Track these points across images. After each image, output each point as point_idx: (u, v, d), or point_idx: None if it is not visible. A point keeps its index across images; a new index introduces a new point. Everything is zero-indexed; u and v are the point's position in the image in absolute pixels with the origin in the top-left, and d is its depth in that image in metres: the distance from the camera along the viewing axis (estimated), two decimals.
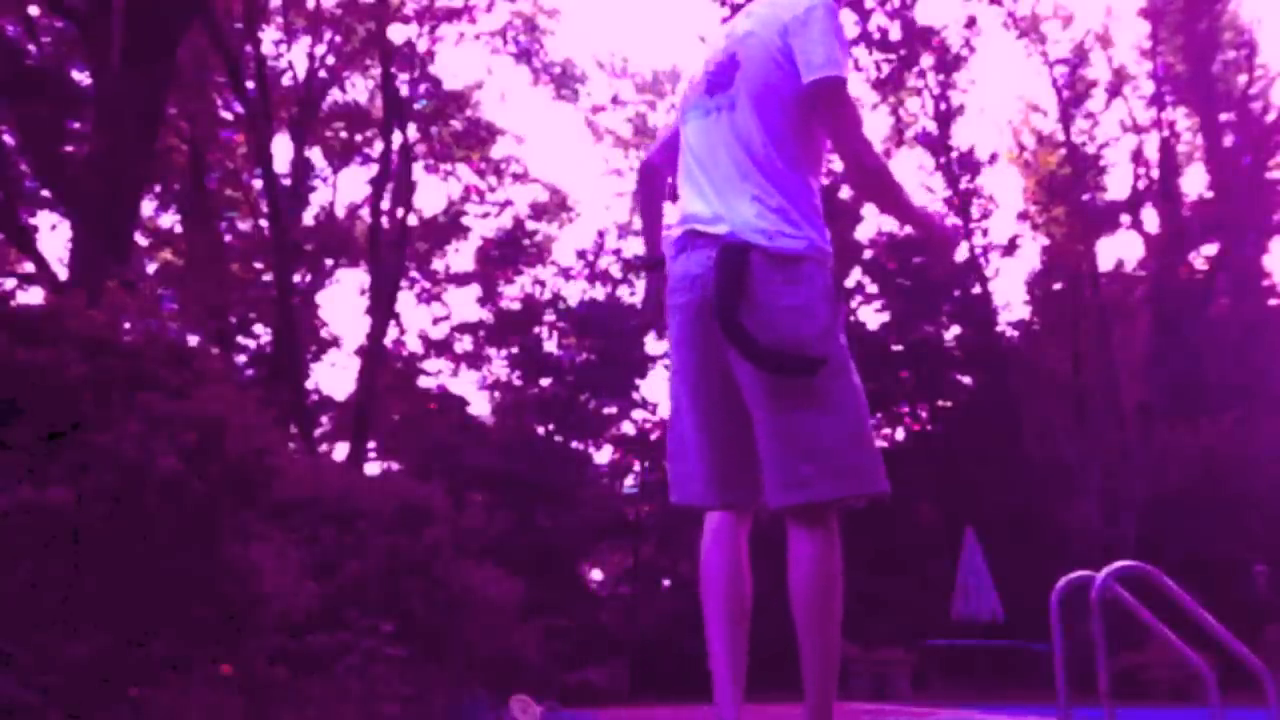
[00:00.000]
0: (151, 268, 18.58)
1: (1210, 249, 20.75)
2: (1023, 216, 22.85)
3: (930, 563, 16.82)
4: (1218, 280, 20.43)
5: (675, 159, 2.30)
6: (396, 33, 19.78)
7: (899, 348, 20.22)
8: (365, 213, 21.08)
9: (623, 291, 22.60)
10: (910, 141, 22.10)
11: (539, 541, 18.32)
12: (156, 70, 9.40)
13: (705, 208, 2.11)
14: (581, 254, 23.30)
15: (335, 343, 22.55)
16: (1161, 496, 16.25)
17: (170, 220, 19.42)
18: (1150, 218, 21.69)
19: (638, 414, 22.24)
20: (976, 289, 20.92)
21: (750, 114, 2.10)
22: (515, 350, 22.81)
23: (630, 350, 21.76)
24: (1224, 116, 20.84)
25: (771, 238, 2.03)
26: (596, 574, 24.75)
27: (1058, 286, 21.92)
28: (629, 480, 23.17)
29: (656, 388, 22.05)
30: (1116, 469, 17.56)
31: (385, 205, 20.30)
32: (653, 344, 22.37)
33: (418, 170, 21.55)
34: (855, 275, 20.36)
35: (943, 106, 21.37)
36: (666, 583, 21.44)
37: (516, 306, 23.33)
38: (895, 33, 20.65)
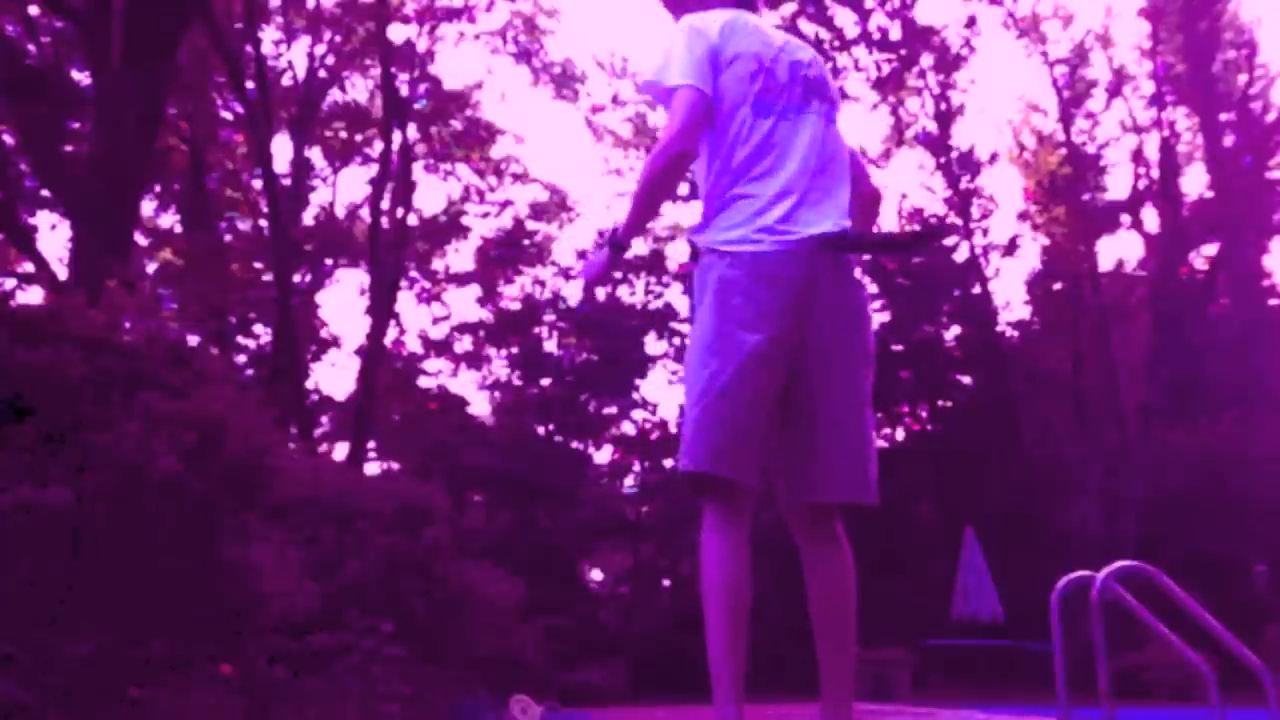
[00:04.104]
0: (151, 268, 18.57)
1: (1210, 249, 20.75)
2: (1023, 216, 22.85)
3: (930, 563, 16.80)
4: (1218, 280, 20.41)
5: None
6: (396, 33, 19.79)
7: (899, 348, 20.19)
8: (365, 213, 21.06)
9: (623, 291, 22.60)
10: (910, 141, 22.10)
11: (539, 541, 18.33)
12: (156, 70, 9.41)
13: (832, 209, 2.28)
14: (581, 254, 23.27)
15: (335, 343, 22.53)
16: (1161, 496, 16.22)
17: (170, 220, 19.46)
18: (1150, 218, 21.71)
19: (638, 414, 22.25)
20: (976, 289, 20.91)
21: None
22: (515, 350, 22.80)
23: (630, 350, 21.75)
24: (1224, 116, 20.81)
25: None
26: (596, 574, 24.78)
27: (1058, 286, 21.92)
28: (629, 480, 23.16)
29: (656, 388, 22.05)
30: (1116, 469, 17.56)
31: (385, 205, 20.28)
32: (653, 344, 22.38)
33: (418, 170, 21.55)
34: (855, 275, 20.34)
35: (943, 106, 21.36)
36: (666, 583, 21.45)
37: (516, 306, 23.33)
38: (895, 33, 20.66)
